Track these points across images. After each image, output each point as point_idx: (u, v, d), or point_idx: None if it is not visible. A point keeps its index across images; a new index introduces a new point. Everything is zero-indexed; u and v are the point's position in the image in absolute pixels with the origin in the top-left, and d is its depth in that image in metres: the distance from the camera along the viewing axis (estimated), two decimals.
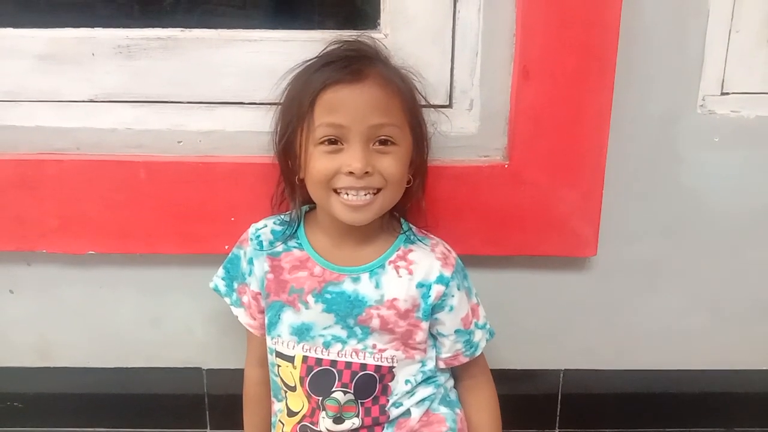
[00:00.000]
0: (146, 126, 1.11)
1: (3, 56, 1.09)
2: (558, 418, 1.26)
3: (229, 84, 1.10)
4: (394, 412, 0.97)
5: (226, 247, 1.05)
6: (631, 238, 1.16)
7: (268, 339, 0.99)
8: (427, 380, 0.99)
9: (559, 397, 1.25)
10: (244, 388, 1.09)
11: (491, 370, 1.06)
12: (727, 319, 1.22)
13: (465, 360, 1.00)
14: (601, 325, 1.21)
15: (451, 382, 1.04)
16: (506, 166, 1.08)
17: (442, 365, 1.01)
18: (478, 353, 1.01)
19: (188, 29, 1.09)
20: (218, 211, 1.09)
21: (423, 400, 0.99)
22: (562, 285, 1.18)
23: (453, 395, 1.04)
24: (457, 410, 1.02)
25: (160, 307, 1.19)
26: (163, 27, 1.09)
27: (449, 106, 1.10)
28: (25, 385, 1.24)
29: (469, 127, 1.11)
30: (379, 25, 1.08)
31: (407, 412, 0.98)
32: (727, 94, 1.11)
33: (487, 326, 1.02)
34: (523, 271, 1.17)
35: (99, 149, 1.11)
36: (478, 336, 1.01)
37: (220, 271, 1.04)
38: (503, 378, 1.07)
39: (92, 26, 1.09)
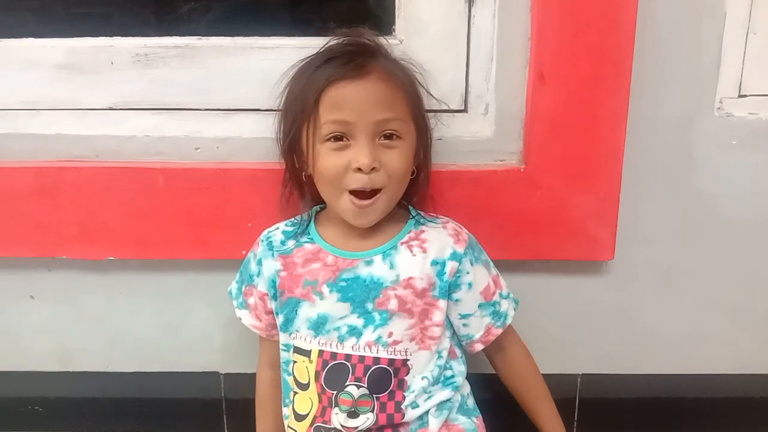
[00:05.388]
0: (164, 133, 1.12)
1: (23, 66, 1.11)
2: (575, 422, 1.25)
3: (245, 91, 1.10)
4: (410, 413, 0.96)
5: (243, 252, 1.05)
6: (648, 242, 1.15)
7: (284, 336, 0.99)
8: (444, 380, 0.99)
9: (577, 402, 1.24)
10: (256, 390, 1.09)
11: None
12: (745, 323, 1.21)
13: (498, 332, 1.00)
14: (619, 329, 1.21)
15: (468, 387, 1.04)
16: (522, 170, 1.08)
17: (480, 347, 1.01)
18: (509, 321, 1.01)
19: (205, 37, 1.10)
20: (235, 216, 1.10)
21: (441, 407, 0.98)
22: (579, 289, 1.18)
23: (470, 402, 1.03)
24: (474, 418, 1.01)
25: (178, 312, 1.20)
26: (180, 35, 1.10)
27: (464, 110, 1.10)
28: (45, 390, 1.25)
29: (485, 131, 1.11)
30: (395, 31, 1.08)
31: (425, 420, 0.97)
32: (745, 96, 1.10)
33: (511, 296, 1.02)
34: (539, 276, 1.17)
35: (118, 156, 1.12)
36: (505, 305, 1.01)
37: (237, 276, 1.05)
38: None
39: (110, 35, 1.10)
